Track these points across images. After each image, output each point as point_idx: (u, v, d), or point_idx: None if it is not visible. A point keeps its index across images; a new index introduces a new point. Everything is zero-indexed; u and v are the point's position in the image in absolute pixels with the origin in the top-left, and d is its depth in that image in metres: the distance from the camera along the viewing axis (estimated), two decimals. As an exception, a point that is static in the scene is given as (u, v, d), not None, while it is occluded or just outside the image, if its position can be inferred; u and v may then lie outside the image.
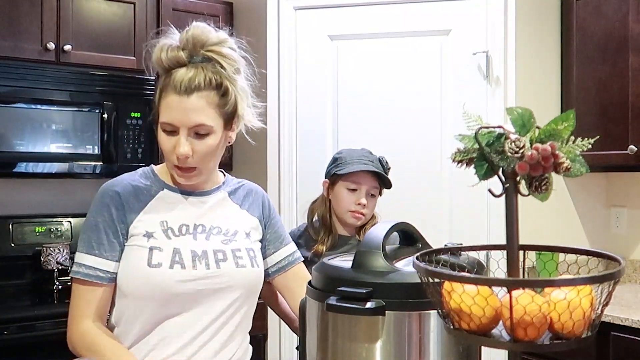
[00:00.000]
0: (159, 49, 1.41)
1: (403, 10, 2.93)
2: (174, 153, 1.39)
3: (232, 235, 1.50)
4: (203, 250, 1.44)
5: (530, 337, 0.83)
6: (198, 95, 1.37)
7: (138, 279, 1.39)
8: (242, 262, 1.47)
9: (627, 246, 3.11)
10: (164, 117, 1.39)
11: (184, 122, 1.37)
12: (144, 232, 1.42)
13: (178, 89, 1.37)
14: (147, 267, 1.38)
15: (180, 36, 1.42)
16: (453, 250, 1.02)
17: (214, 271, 1.43)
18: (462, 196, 2.79)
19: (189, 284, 1.40)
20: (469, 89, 2.82)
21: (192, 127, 1.38)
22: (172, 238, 1.43)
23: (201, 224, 1.48)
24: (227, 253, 1.46)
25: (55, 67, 2.83)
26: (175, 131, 1.38)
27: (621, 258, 0.88)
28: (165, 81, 1.40)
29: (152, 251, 1.40)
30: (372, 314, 1.02)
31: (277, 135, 3.02)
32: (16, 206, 3.06)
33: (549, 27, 2.95)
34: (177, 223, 1.45)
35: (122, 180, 1.48)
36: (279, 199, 3.01)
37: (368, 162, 1.99)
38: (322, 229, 2.06)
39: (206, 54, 1.41)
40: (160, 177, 1.50)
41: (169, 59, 1.40)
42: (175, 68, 1.40)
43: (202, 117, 1.37)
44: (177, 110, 1.37)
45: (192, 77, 1.37)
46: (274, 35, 3.03)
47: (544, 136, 0.84)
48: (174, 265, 1.39)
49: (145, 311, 1.40)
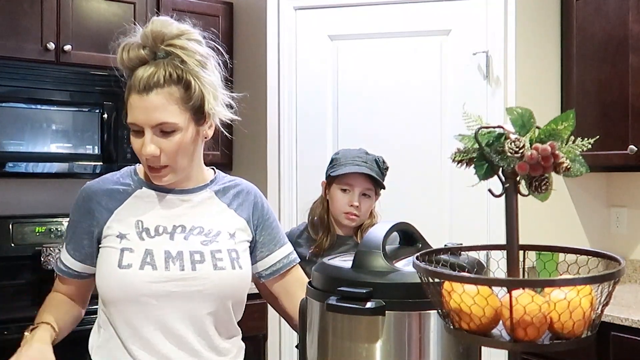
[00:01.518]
0: (121, 49, 1.39)
1: (403, 10, 2.93)
2: (142, 153, 1.36)
3: (214, 235, 1.44)
4: (178, 251, 1.39)
5: (530, 337, 0.83)
6: (157, 92, 1.33)
7: (109, 281, 1.38)
8: (222, 264, 1.41)
9: (627, 246, 3.11)
10: (129, 118, 1.36)
11: (146, 121, 1.34)
12: (117, 233, 1.40)
13: (137, 87, 1.34)
14: (118, 268, 1.36)
15: (140, 33, 1.38)
16: (453, 250, 1.02)
17: (189, 273, 1.38)
18: (462, 196, 2.79)
19: (160, 285, 1.36)
20: (469, 89, 2.82)
21: (154, 125, 1.34)
22: (145, 239, 1.40)
23: (181, 224, 1.43)
24: (205, 254, 1.41)
25: (55, 67, 2.82)
26: (141, 131, 1.35)
27: (621, 258, 0.88)
28: (129, 82, 1.37)
29: (123, 252, 1.37)
30: (372, 314, 1.02)
31: (277, 135, 3.02)
32: (16, 206, 3.06)
33: (549, 27, 2.95)
34: (153, 223, 1.42)
35: (100, 180, 1.48)
36: (279, 199, 3.01)
37: (361, 163, 1.98)
38: (320, 229, 2.06)
39: (166, 49, 1.37)
40: (140, 176, 1.47)
41: (131, 58, 1.38)
42: (138, 66, 1.37)
43: (164, 115, 1.33)
44: (139, 110, 1.34)
45: (150, 74, 1.33)
46: (274, 35, 3.02)
47: (544, 136, 0.84)
48: (145, 266, 1.36)
49: (122, 314, 1.38)
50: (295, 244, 2.00)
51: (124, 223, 1.41)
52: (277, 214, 2.98)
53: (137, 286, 1.36)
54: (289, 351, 2.94)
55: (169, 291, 1.37)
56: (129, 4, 3.02)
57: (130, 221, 1.41)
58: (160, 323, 1.38)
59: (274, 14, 3.03)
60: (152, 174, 1.40)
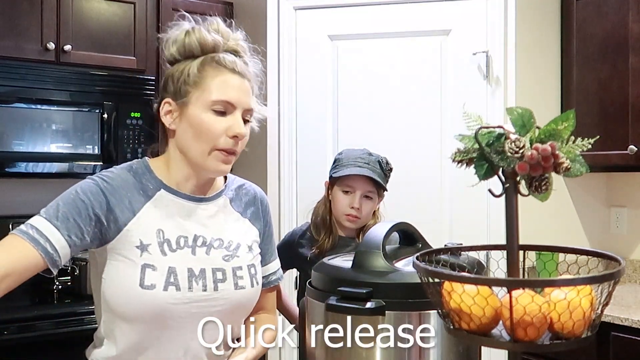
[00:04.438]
0: (198, 29, 1.36)
1: (403, 10, 2.93)
2: (224, 135, 1.31)
3: (235, 249, 1.40)
4: (201, 269, 1.34)
5: (530, 337, 0.83)
6: (247, 81, 1.35)
7: (129, 299, 1.29)
8: (242, 282, 1.38)
9: (627, 246, 3.11)
10: (218, 95, 1.31)
11: (242, 103, 1.33)
12: (138, 243, 1.30)
13: (236, 69, 1.33)
14: (140, 288, 1.28)
15: (208, 25, 1.38)
16: (453, 250, 1.02)
17: (211, 293, 1.34)
18: (462, 196, 2.79)
19: (183, 307, 1.31)
20: (469, 89, 2.82)
21: (247, 109, 1.34)
22: (167, 254, 1.32)
23: (201, 235, 1.37)
24: (227, 272, 1.36)
25: (55, 67, 2.82)
26: (226, 112, 1.32)
27: (621, 258, 0.88)
28: (205, 63, 1.33)
29: (144, 270, 1.29)
30: (372, 314, 1.02)
31: (277, 135, 3.02)
32: (16, 206, 3.05)
33: (549, 27, 2.95)
34: (174, 234, 1.34)
35: (120, 174, 1.35)
36: (279, 199, 3.01)
37: (364, 164, 1.97)
38: (322, 230, 2.05)
39: (234, 47, 1.38)
40: (156, 175, 1.37)
41: (214, 40, 1.35)
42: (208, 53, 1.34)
43: (252, 102, 1.35)
44: (238, 90, 1.32)
45: (239, 63, 1.35)
46: (274, 35, 3.03)
47: (544, 136, 0.84)
48: (169, 287, 1.29)
49: (134, 331, 1.32)
50: (297, 245, 2.00)
51: (145, 230, 1.32)
52: (277, 214, 2.98)
53: (159, 307, 1.29)
54: (289, 351, 2.94)
55: (190, 312, 1.31)
56: (129, 4, 3.02)
57: (151, 229, 1.32)
58: (178, 342, 1.33)
59: (274, 14, 3.03)
60: (223, 157, 1.32)
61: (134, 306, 1.29)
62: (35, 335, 2.47)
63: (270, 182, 3.02)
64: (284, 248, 2.00)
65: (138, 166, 1.38)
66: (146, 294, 1.28)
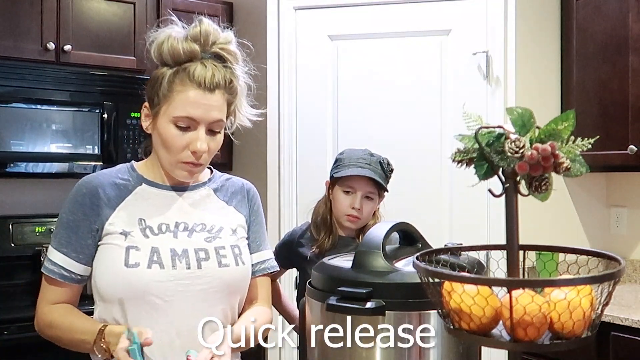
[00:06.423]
0: (173, 38, 1.38)
1: (403, 10, 2.93)
2: (187, 149, 1.36)
3: (217, 231, 1.45)
4: (184, 249, 1.39)
5: (530, 337, 0.83)
6: (218, 93, 1.37)
7: (115, 280, 1.35)
8: (226, 260, 1.42)
9: (627, 246, 3.11)
10: (180, 112, 1.35)
11: (205, 118, 1.35)
12: (121, 231, 1.38)
13: (202, 84, 1.35)
14: (124, 267, 1.34)
15: (190, 30, 1.39)
16: (453, 250, 1.02)
17: (194, 271, 1.38)
18: (462, 196, 2.79)
19: (168, 284, 1.35)
20: (469, 89, 2.82)
21: (211, 122, 1.36)
22: (150, 237, 1.38)
23: (183, 221, 1.43)
24: (209, 252, 1.41)
25: (55, 67, 2.83)
26: (190, 127, 1.36)
27: (621, 258, 0.88)
28: (176, 75, 1.36)
29: (129, 251, 1.35)
30: (372, 314, 1.02)
31: (277, 135, 3.02)
32: (16, 206, 3.06)
33: (549, 27, 2.95)
34: (156, 221, 1.41)
35: (98, 176, 1.44)
36: (279, 199, 3.01)
37: (365, 165, 1.97)
38: (323, 229, 2.05)
39: (217, 51, 1.39)
40: (139, 172, 1.46)
41: (185, 50, 1.37)
42: (186, 61, 1.37)
43: (220, 114, 1.38)
44: (200, 106, 1.35)
45: (212, 74, 1.36)
46: (274, 35, 3.03)
47: (544, 136, 0.84)
48: (152, 265, 1.35)
49: (126, 313, 1.36)
50: (297, 244, 2.00)
51: (126, 220, 1.39)
52: (277, 214, 2.99)
53: (145, 285, 1.34)
54: (289, 351, 2.94)
55: (176, 290, 1.36)
56: (129, 4, 3.02)
57: (132, 219, 1.40)
58: (168, 323, 1.36)
59: (274, 14, 3.03)
60: (188, 169, 1.39)
61: (121, 287, 1.35)
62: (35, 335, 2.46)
63: (270, 182, 3.02)
64: (283, 248, 2.00)
65: (120, 167, 1.48)
66: (131, 272, 1.34)
